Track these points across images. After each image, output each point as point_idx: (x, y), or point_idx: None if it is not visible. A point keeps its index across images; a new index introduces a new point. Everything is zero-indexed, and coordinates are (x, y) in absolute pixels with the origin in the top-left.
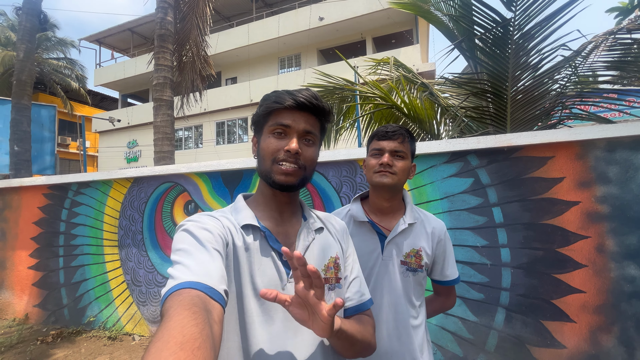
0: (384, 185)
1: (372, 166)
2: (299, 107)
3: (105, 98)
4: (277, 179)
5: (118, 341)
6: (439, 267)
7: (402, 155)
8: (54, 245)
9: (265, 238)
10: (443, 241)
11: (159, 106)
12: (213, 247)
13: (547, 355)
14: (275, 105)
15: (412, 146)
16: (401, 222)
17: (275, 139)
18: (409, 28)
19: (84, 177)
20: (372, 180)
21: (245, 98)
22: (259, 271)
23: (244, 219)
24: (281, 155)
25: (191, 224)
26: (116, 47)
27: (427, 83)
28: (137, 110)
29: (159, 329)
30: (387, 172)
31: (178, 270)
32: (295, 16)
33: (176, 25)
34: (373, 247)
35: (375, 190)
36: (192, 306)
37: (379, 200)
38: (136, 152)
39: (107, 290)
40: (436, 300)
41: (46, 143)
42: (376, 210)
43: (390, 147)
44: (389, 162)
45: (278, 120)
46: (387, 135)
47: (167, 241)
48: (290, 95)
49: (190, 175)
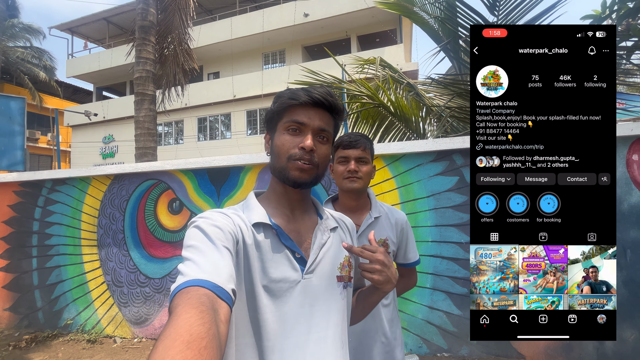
0: (353, 189)
1: (340, 172)
2: (314, 104)
3: (78, 90)
4: (291, 175)
5: (98, 344)
6: (402, 252)
7: (365, 161)
8: (27, 246)
9: (277, 235)
10: (405, 230)
11: (141, 100)
12: (223, 245)
13: (525, 346)
14: (291, 102)
15: (371, 150)
16: (368, 217)
17: (290, 135)
18: (393, 27)
19: (60, 174)
20: (342, 185)
21: (228, 94)
22: (272, 268)
23: (255, 216)
24: (296, 152)
25: (202, 221)
26: (90, 37)
27: (413, 83)
28: (113, 104)
29: (166, 326)
30: (355, 178)
31: (188, 267)
32: (280, 11)
33: (158, 16)
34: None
35: (345, 193)
36: (199, 305)
37: (348, 200)
38: (112, 148)
39: (86, 291)
40: (400, 281)
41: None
42: (346, 209)
43: (355, 155)
44: (355, 168)
45: (293, 117)
46: (351, 144)
47: (150, 240)
48: (306, 92)
49: (175, 173)
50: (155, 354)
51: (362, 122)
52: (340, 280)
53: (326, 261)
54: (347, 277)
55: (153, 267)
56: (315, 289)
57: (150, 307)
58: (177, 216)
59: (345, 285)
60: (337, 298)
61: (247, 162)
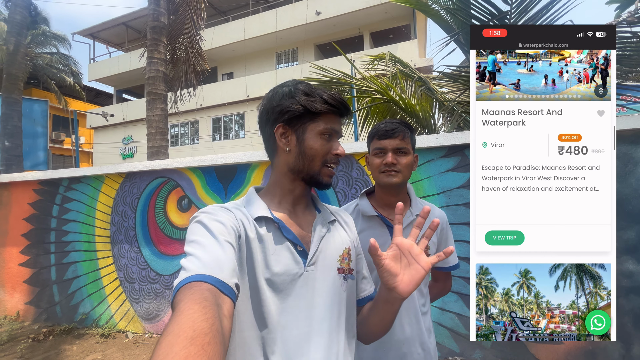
0: (392, 184)
1: (376, 166)
2: (341, 113)
3: (100, 93)
4: (324, 180)
5: (111, 339)
6: None
7: (404, 152)
8: (45, 242)
9: (279, 229)
10: (445, 230)
11: (153, 100)
12: (225, 240)
13: (543, 351)
14: (330, 109)
15: (412, 139)
16: (408, 214)
17: (326, 141)
18: (406, 23)
19: (75, 172)
20: (378, 180)
21: (241, 93)
22: (275, 261)
23: (257, 210)
24: (331, 158)
25: (204, 216)
26: (110, 41)
27: (424, 77)
28: (132, 106)
29: (170, 322)
30: (393, 171)
31: (190, 262)
32: (292, 10)
33: (169, 18)
34: (384, 240)
35: (383, 188)
36: (202, 300)
37: (387, 196)
38: (132, 148)
39: (100, 287)
40: (435, 286)
41: (39, 138)
42: (384, 204)
43: (392, 146)
44: (393, 161)
45: (331, 125)
46: (387, 133)
47: (160, 237)
48: (339, 102)
49: (183, 170)
50: (159, 350)
51: (372, 118)
52: (341, 272)
53: (326, 253)
54: (347, 269)
55: (163, 263)
56: (317, 281)
57: (161, 303)
58: (186, 213)
59: (346, 277)
60: (338, 290)
61: (254, 159)
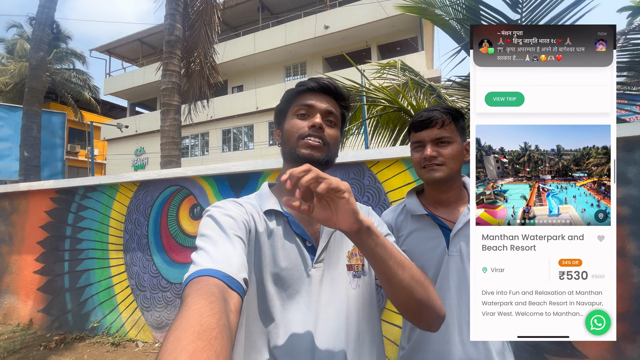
0: (435, 180)
1: (416, 161)
2: (320, 89)
3: (114, 107)
4: (302, 153)
5: (121, 347)
6: None
7: (447, 141)
8: (60, 249)
9: (288, 223)
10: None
11: (167, 111)
12: (235, 234)
13: None
14: (299, 89)
15: (457, 125)
16: (465, 212)
17: (300, 119)
18: (413, 35)
19: (91, 181)
20: (421, 176)
21: (251, 106)
22: (283, 255)
23: (267, 204)
24: (306, 131)
25: (215, 210)
26: (126, 57)
27: (434, 86)
28: (144, 118)
29: (177, 317)
30: (434, 165)
31: (200, 256)
32: (300, 25)
33: (185, 33)
34: (436, 243)
35: (429, 185)
36: (209, 295)
37: (434, 193)
38: (143, 160)
39: (112, 295)
40: None
41: (56, 149)
42: (434, 202)
43: (430, 137)
44: (432, 154)
45: (301, 102)
46: (423, 124)
47: (172, 245)
48: (312, 79)
49: (196, 179)
50: (167, 344)
51: (382, 127)
52: (350, 269)
53: (335, 250)
54: (357, 266)
55: (174, 272)
56: (324, 278)
57: (172, 312)
58: (198, 221)
59: (355, 274)
60: (347, 287)
61: (265, 167)
